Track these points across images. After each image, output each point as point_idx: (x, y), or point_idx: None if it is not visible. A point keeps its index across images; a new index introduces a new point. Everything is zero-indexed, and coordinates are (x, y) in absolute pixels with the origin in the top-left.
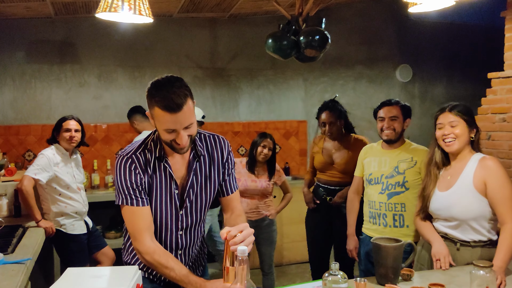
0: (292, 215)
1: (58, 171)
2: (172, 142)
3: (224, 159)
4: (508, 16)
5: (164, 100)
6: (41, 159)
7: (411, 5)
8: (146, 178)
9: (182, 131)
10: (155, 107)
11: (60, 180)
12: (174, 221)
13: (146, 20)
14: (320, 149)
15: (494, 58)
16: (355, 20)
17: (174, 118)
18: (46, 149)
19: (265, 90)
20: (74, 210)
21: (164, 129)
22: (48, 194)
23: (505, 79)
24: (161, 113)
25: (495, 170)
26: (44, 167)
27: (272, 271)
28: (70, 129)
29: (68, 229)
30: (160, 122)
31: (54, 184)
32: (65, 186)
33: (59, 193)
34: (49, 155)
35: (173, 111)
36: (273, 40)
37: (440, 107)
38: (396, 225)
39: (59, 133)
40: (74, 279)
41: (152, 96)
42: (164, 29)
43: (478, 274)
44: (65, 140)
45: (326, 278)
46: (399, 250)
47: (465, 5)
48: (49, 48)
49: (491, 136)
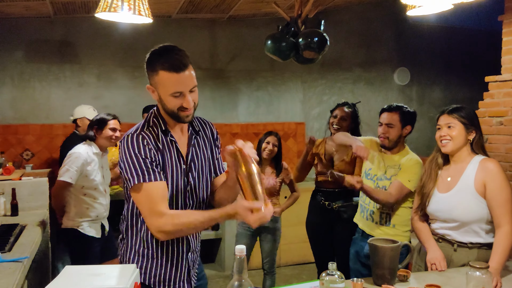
0: (289, 217)
1: (89, 170)
2: (179, 111)
3: (214, 138)
4: (506, 20)
5: (169, 60)
6: (76, 161)
7: (409, 8)
8: (158, 154)
9: (188, 95)
10: (159, 71)
11: (90, 181)
12: (182, 198)
13: (145, 21)
14: (322, 154)
15: (491, 61)
16: (354, 23)
17: (181, 78)
18: (79, 147)
19: (264, 91)
20: (96, 213)
21: (170, 94)
22: (73, 193)
23: (502, 82)
24: (167, 75)
25: (495, 173)
26: (80, 169)
27: (274, 271)
28: (116, 129)
29: (85, 230)
30: (166, 86)
31: (82, 184)
32: (93, 187)
33: (84, 193)
34: (84, 154)
35: (179, 69)
36: (272, 42)
37: (442, 109)
38: (382, 223)
39: (102, 130)
40: (72, 277)
41: (155, 61)
42: (164, 30)
43: (474, 275)
44: (108, 138)
45: (323, 278)
46: (396, 251)
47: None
48: (48, 47)
49: (489, 139)
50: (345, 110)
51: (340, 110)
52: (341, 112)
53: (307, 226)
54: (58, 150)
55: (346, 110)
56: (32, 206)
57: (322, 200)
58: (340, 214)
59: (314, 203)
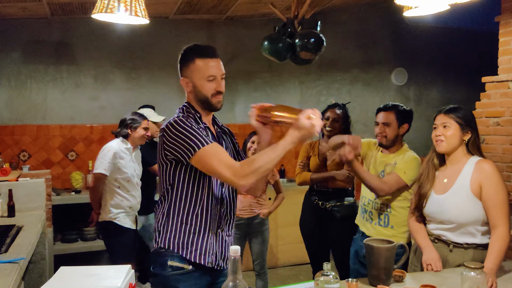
0: (287, 218)
1: (122, 163)
2: (212, 96)
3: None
4: (502, 20)
5: (203, 49)
6: (108, 154)
7: (406, 8)
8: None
9: (221, 80)
10: (195, 59)
11: (123, 173)
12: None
13: (142, 22)
14: (316, 155)
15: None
16: (351, 24)
17: (215, 63)
18: (111, 143)
19: (262, 92)
20: (129, 204)
21: (206, 78)
22: (107, 186)
23: (499, 83)
24: (203, 61)
25: (491, 174)
26: (112, 161)
27: (265, 272)
28: (148, 128)
29: (121, 221)
30: (202, 71)
31: (116, 176)
32: (126, 179)
33: (118, 186)
34: (115, 148)
35: (213, 55)
36: (268, 42)
37: (439, 108)
38: (381, 224)
39: (135, 129)
40: (67, 278)
41: (190, 53)
42: (161, 31)
43: (469, 275)
44: (141, 137)
45: (318, 278)
46: (391, 251)
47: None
48: (45, 48)
49: (485, 139)
50: (337, 112)
51: (331, 112)
52: (332, 114)
53: (301, 226)
54: (55, 151)
55: (337, 112)
56: (29, 207)
57: (315, 200)
58: (334, 213)
59: (308, 203)
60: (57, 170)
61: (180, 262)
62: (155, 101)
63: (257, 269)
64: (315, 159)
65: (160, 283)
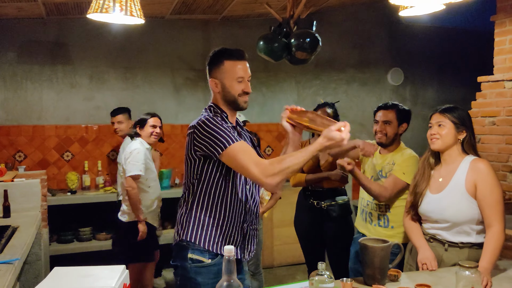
0: (283, 218)
1: (149, 163)
2: (239, 96)
3: (253, 137)
4: (498, 20)
5: (233, 52)
6: (137, 155)
7: (401, 8)
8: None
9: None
10: (224, 61)
11: (150, 172)
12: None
13: (137, 21)
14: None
15: (484, 62)
16: (347, 24)
17: (243, 65)
18: (135, 143)
19: (258, 92)
20: (156, 203)
21: (235, 79)
22: (139, 187)
23: (494, 82)
24: (232, 63)
25: (486, 173)
26: (144, 162)
27: (260, 271)
28: (156, 125)
29: (150, 220)
30: (232, 73)
31: (147, 176)
32: (153, 178)
33: (149, 185)
34: (142, 149)
35: (242, 58)
36: (264, 42)
37: (435, 108)
38: (381, 224)
39: (143, 128)
40: (61, 278)
41: (220, 55)
42: (156, 31)
43: (464, 274)
44: (149, 135)
45: (312, 278)
46: (386, 251)
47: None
48: (40, 48)
49: (481, 139)
50: (327, 111)
51: (322, 111)
52: (322, 113)
53: (296, 226)
54: (50, 151)
55: (328, 111)
56: (25, 208)
57: (311, 200)
58: (329, 212)
59: (302, 203)
60: (53, 170)
61: (200, 255)
62: (150, 101)
63: (252, 269)
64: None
65: (180, 275)
